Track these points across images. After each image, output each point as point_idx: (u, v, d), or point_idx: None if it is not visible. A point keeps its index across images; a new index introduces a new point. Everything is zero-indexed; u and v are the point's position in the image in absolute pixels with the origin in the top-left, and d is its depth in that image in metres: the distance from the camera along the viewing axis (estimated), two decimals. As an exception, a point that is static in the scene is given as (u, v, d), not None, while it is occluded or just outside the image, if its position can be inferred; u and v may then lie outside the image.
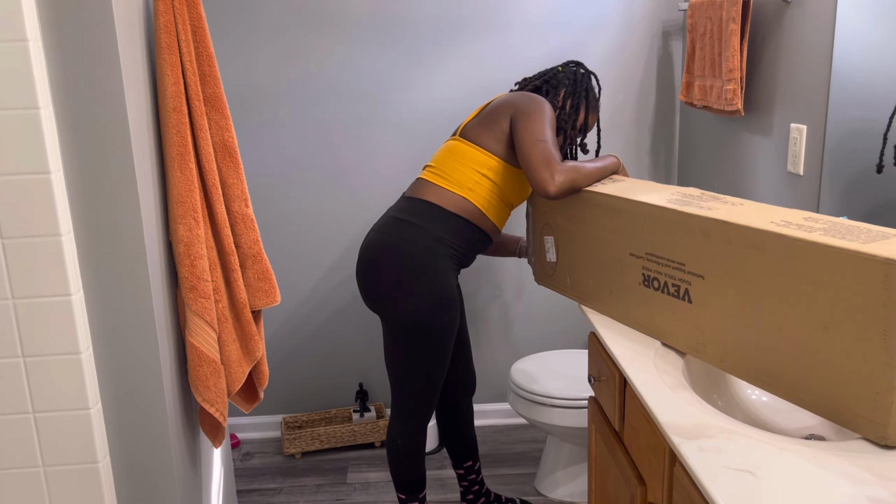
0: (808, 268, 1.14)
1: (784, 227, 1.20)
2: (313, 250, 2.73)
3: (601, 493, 1.70)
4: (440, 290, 1.86)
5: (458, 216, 1.89)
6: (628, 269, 1.53)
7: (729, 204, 1.38)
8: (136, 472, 1.41)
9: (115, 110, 1.24)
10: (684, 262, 1.37)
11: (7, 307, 1.24)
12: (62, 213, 1.22)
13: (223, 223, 1.54)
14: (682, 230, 1.37)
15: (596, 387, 1.69)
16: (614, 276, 1.58)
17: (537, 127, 1.80)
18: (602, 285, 1.63)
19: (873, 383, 1.08)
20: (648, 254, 1.46)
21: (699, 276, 1.34)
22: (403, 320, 1.87)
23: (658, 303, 1.46)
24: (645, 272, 1.48)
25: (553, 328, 2.88)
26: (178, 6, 1.41)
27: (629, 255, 1.52)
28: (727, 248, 1.28)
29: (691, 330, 1.38)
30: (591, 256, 1.66)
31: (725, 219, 1.27)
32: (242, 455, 2.77)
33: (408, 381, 1.94)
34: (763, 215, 1.28)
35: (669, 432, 1.17)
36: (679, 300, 1.40)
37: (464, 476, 2.29)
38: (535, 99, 1.88)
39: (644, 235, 1.47)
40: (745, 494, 1.00)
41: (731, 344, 1.30)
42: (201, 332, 1.49)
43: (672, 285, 1.41)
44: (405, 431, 2.01)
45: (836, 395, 1.13)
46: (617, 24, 2.61)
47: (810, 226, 1.20)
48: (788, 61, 1.92)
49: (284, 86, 2.57)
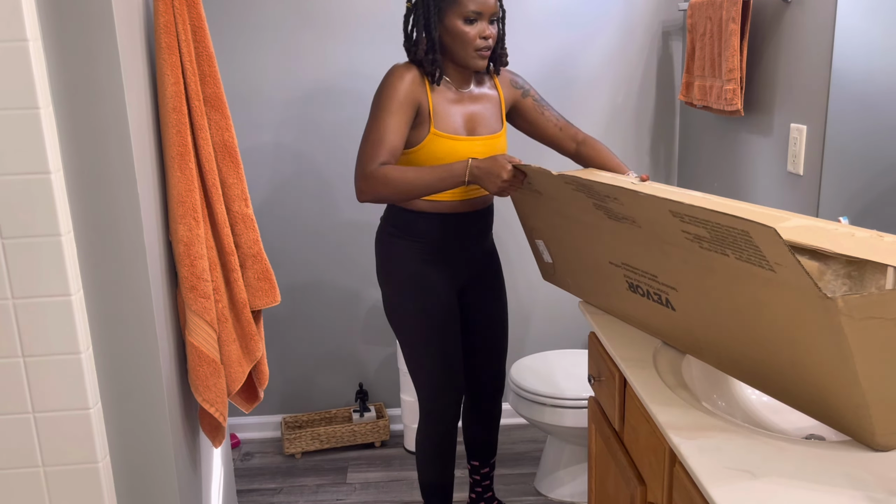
0: (751, 289, 1.12)
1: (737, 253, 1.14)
2: (313, 250, 2.73)
3: (601, 493, 1.70)
4: (401, 276, 1.88)
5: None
6: (613, 275, 1.49)
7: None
8: (136, 472, 1.41)
9: (115, 110, 1.24)
10: (656, 275, 1.34)
11: (7, 307, 1.24)
12: (62, 213, 1.22)
13: (223, 223, 1.54)
14: (643, 246, 1.33)
15: (596, 387, 1.69)
16: (604, 281, 1.55)
17: (367, 124, 1.74)
18: (598, 286, 1.61)
19: (848, 399, 1.07)
20: (625, 264, 1.43)
21: (672, 288, 1.32)
22: (385, 311, 1.96)
23: (649, 308, 1.44)
24: (628, 279, 1.45)
25: (553, 328, 2.88)
26: (178, 6, 1.41)
27: (609, 264, 1.48)
28: (685, 267, 1.25)
29: (684, 334, 1.37)
30: (578, 260, 1.62)
31: (675, 244, 1.23)
32: (242, 455, 2.77)
33: (413, 375, 1.97)
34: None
35: (669, 432, 1.17)
36: (664, 307, 1.38)
37: (469, 472, 2.30)
38: (383, 78, 1.76)
39: (612, 245, 1.43)
40: (745, 494, 1.00)
41: (722, 349, 1.29)
42: (201, 332, 1.49)
43: (654, 293, 1.38)
44: (420, 429, 2.03)
45: (825, 402, 1.13)
46: (617, 24, 2.61)
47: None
48: (788, 61, 1.92)
49: (284, 86, 2.57)
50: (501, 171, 1.60)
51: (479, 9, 1.71)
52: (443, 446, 2.02)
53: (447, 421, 1.99)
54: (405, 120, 1.72)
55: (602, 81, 2.66)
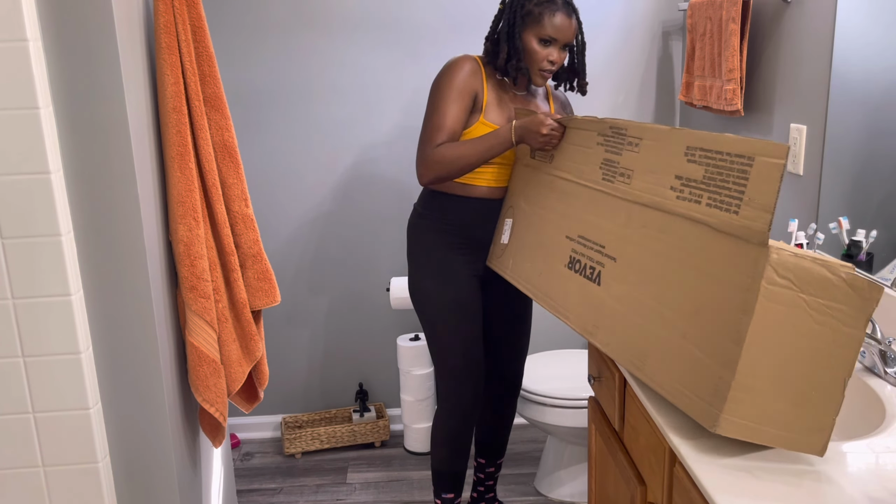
0: (695, 247, 1.20)
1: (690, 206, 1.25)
2: (313, 250, 2.73)
3: (601, 493, 1.70)
4: (427, 261, 1.95)
5: (425, 187, 1.96)
6: (560, 250, 1.64)
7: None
8: (136, 472, 1.41)
9: (115, 110, 1.24)
10: (604, 245, 1.47)
11: (7, 307, 1.24)
12: (62, 213, 1.22)
13: (223, 223, 1.54)
14: (613, 212, 1.46)
15: (596, 387, 1.69)
16: (547, 257, 1.69)
17: (426, 111, 1.85)
18: (535, 266, 1.74)
19: (721, 367, 1.09)
20: (580, 236, 1.56)
21: (612, 259, 1.43)
22: (410, 292, 2.01)
23: (573, 285, 1.56)
24: (573, 254, 1.58)
25: (553, 328, 2.88)
26: (178, 6, 1.41)
27: (565, 238, 1.62)
28: (641, 231, 1.36)
29: (591, 312, 1.47)
30: (535, 239, 1.76)
31: (647, 204, 1.35)
32: (242, 455, 2.77)
33: (434, 358, 2.00)
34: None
35: (669, 432, 1.17)
36: (591, 282, 1.49)
37: (474, 470, 2.31)
38: (443, 67, 1.87)
39: (582, 217, 1.58)
40: (745, 494, 1.00)
41: (617, 328, 1.37)
42: (201, 332, 1.49)
43: (589, 267, 1.51)
44: (437, 413, 2.05)
45: (693, 372, 1.15)
46: (617, 24, 2.61)
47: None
48: (788, 61, 1.92)
49: (284, 86, 2.57)
50: (541, 127, 1.71)
51: (555, 35, 1.80)
52: (457, 433, 2.03)
53: (464, 406, 2.00)
54: (464, 107, 1.83)
55: (602, 81, 2.66)
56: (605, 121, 1.56)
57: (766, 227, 1.06)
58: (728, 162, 1.16)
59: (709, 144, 1.21)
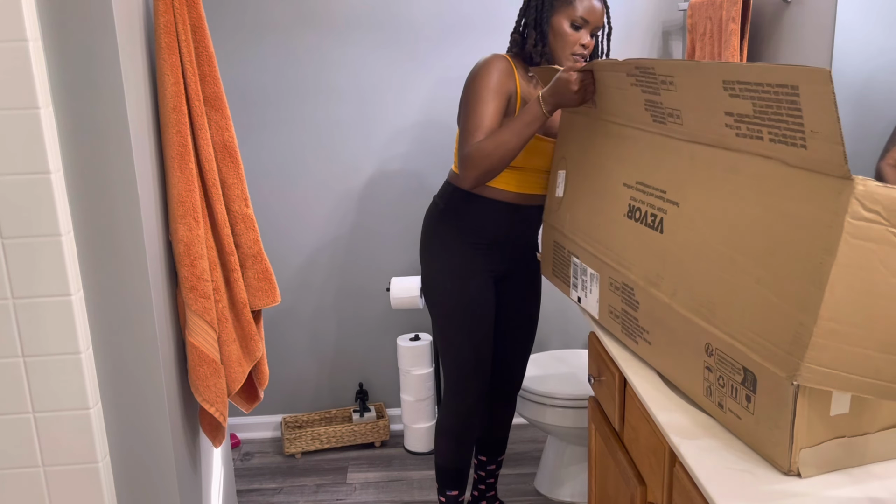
0: (770, 186, 1.11)
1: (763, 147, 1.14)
2: (313, 250, 2.73)
3: (601, 493, 1.70)
4: (444, 258, 1.94)
5: (449, 182, 1.95)
6: (618, 198, 1.55)
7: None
8: (136, 472, 1.41)
9: (115, 110, 1.24)
10: (666, 190, 1.38)
11: (7, 307, 1.24)
12: (62, 213, 1.22)
13: (223, 223, 1.54)
14: (673, 154, 1.38)
15: (596, 387, 1.69)
16: (604, 207, 1.61)
17: (461, 110, 1.80)
18: (590, 218, 1.66)
19: (800, 311, 1.01)
20: (639, 182, 1.48)
21: (675, 204, 1.35)
22: (423, 287, 2.01)
23: (633, 234, 1.48)
24: (631, 202, 1.50)
25: (553, 328, 2.88)
26: (178, 6, 1.41)
27: (622, 186, 1.54)
28: (707, 172, 1.27)
29: (655, 261, 1.40)
30: (589, 188, 1.68)
31: (710, 143, 1.26)
32: (242, 455, 2.77)
33: (442, 354, 2.00)
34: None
35: (669, 432, 1.17)
36: (653, 230, 1.41)
37: (475, 468, 2.31)
38: (475, 68, 1.83)
39: (639, 162, 1.49)
40: (745, 494, 1.00)
41: (685, 276, 1.30)
42: (201, 332, 1.49)
43: (651, 215, 1.43)
44: (443, 408, 2.05)
45: (763, 326, 1.08)
46: (617, 24, 2.61)
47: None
48: (788, 61, 1.92)
49: (284, 86, 2.57)
50: (569, 84, 1.62)
51: (588, 17, 1.78)
52: (462, 429, 2.04)
53: (470, 404, 2.01)
54: (500, 106, 1.79)
55: (602, 81, 2.66)
56: (629, 61, 1.47)
57: (843, 158, 0.95)
58: (772, 93, 1.04)
59: (744, 76, 1.10)
